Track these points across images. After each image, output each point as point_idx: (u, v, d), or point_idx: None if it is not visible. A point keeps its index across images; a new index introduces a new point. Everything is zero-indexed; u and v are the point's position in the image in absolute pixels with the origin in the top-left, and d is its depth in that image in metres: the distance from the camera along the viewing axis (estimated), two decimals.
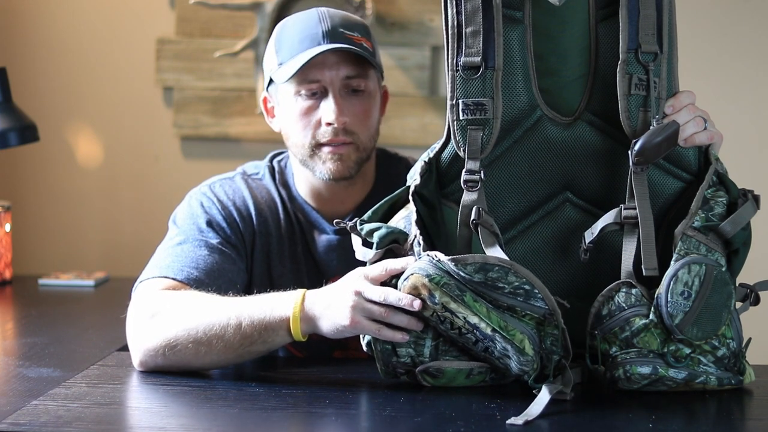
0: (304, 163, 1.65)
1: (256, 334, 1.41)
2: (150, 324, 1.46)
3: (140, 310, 1.49)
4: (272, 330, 1.41)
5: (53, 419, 1.26)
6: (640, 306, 1.30)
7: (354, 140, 1.62)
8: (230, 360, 1.44)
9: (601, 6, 1.39)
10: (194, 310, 1.45)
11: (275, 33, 1.66)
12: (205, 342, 1.42)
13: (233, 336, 1.42)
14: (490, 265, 1.27)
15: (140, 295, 1.52)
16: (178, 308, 1.46)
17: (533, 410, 1.25)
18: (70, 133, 2.98)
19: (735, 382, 1.35)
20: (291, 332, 1.40)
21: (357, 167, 1.64)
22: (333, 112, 1.59)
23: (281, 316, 1.41)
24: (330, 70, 1.60)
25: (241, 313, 1.42)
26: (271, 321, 1.41)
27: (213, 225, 1.64)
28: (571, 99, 1.41)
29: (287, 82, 1.61)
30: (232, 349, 1.42)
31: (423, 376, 1.37)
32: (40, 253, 2.96)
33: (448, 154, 1.41)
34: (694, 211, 1.34)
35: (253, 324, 1.41)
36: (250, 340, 1.42)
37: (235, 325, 1.42)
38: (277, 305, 1.42)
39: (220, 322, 1.42)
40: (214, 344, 1.42)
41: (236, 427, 1.24)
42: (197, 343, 1.43)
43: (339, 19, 1.62)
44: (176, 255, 1.58)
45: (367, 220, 1.42)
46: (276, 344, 1.43)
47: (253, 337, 1.41)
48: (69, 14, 2.96)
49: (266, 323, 1.41)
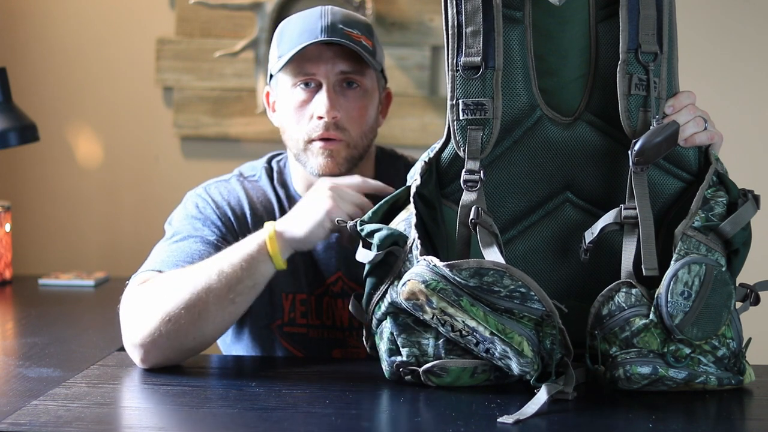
0: (297, 157, 1.66)
1: (240, 271, 1.46)
2: (139, 312, 1.48)
3: (126, 304, 1.52)
4: (253, 260, 1.47)
5: (53, 419, 1.26)
6: (640, 306, 1.30)
7: (345, 137, 1.62)
8: (227, 312, 1.47)
9: (601, 6, 1.39)
10: (176, 281, 1.48)
11: (279, 28, 1.68)
12: (197, 301, 1.45)
13: (218, 282, 1.45)
14: (485, 270, 1.27)
15: (126, 291, 1.54)
16: (161, 287, 1.49)
17: (527, 410, 1.25)
18: (70, 133, 2.98)
19: (735, 382, 1.35)
20: (271, 256, 1.47)
21: (347, 165, 1.64)
22: (324, 106, 1.60)
23: (258, 243, 1.48)
24: (326, 64, 1.61)
25: (220, 262, 1.48)
26: (250, 253, 1.47)
27: (208, 224, 1.65)
28: (571, 99, 1.41)
29: (285, 74, 1.64)
30: (223, 297, 1.46)
31: (427, 377, 1.37)
32: (40, 253, 2.96)
33: (448, 154, 1.41)
34: (694, 211, 1.34)
35: (233, 264, 1.47)
36: (236, 279, 1.46)
37: (218, 272, 1.46)
38: (251, 238, 1.50)
39: (203, 279, 1.46)
40: (203, 299, 1.45)
41: (236, 427, 1.24)
42: (190, 306, 1.45)
43: (340, 16, 1.63)
44: (171, 251, 1.59)
45: (367, 220, 1.42)
46: (262, 275, 1.48)
47: (237, 275, 1.46)
48: (69, 14, 2.96)
49: (245, 257, 1.47)
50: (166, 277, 1.51)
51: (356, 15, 1.68)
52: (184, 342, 1.47)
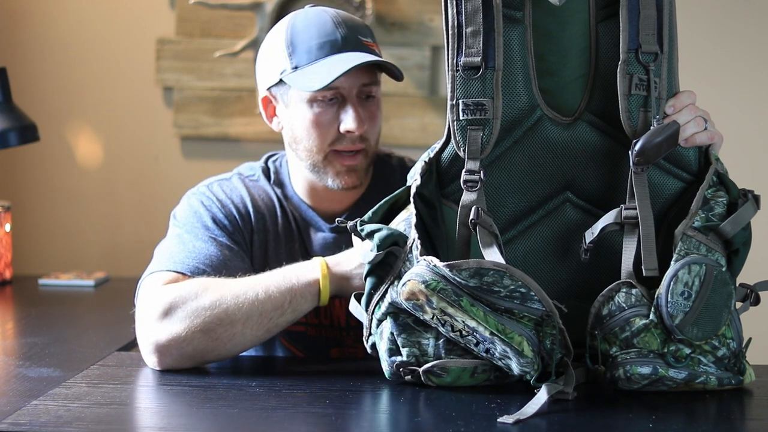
0: (313, 168, 1.65)
1: (287, 303, 1.47)
2: (170, 315, 1.46)
3: (153, 304, 1.48)
4: (300, 295, 1.47)
5: (53, 419, 1.26)
6: (640, 306, 1.30)
7: (366, 146, 1.64)
8: (259, 337, 1.48)
9: (601, 6, 1.39)
10: (217, 292, 1.47)
11: (285, 33, 1.62)
12: (235, 323, 1.45)
13: (264, 306, 1.46)
14: (485, 270, 1.27)
15: (151, 290, 1.51)
16: (199, 294, 1.47)
17: (527, 410, 1.25)
18: (70, 133, 2.99)
19: (735, 382, 1.35)
20: (320, 295, 1.48)
21: (365, 174, 1.67)
22: (354, 121, 1.59)
23: (308, 281, 1.48)
24: (349, 78, 1.58)
25: (267, 285, 1.48)
26: (299, 286, 1.48)
27: (217, 222, 1.64)
28: (572, 99, 1.41)
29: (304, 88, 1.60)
30: (262, 327, 1.47)
31: (427, 377, 1.36)
32: (40, 253, 2.96)
33: (448, 154, 1.41)
34: (694, 211, 1.34)
35: (281, 291, 1.47)
36: (281, 311, 1.47)
37: (264, 295, 1.46)
38: (301, 272, 1.49)
39: (249, 298, 1.46)
40: (242, 322, 1.45)
41: (236, 427, 1.25)
42: (227, 325, 1.45)
43: (351, 23, 1.62)
44: (188, 251, 1.57)
45: (367, 220, 1.42)
46: (303, 311, 1.49)
47: (283, 306, 1.47)
48: (69, 14, 2.96)
49: (295, 290, 1.47)
50: (203, 285, 1.48)
51: (358, 19, 1.68)
52: (208, 355, 1.47)
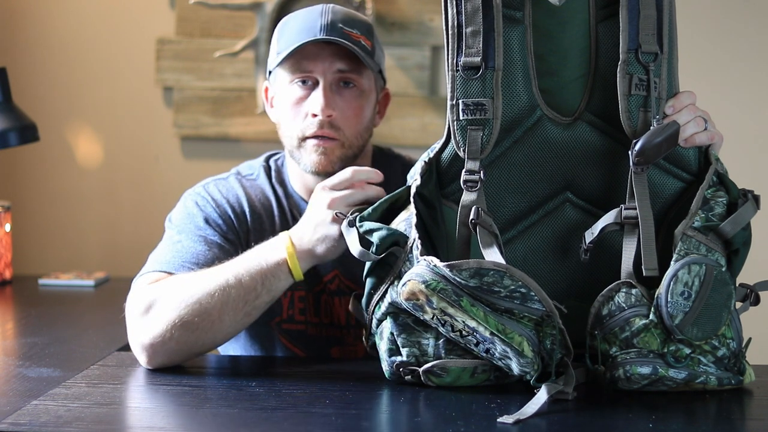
0: (292, 154, 1.67)
1: (259, 286, 1.47)
2: (149, 313, 1.47)
3: (136, 304, 1.51)
4: (273, 276, 1.47)
5: (53, 419, 1.26)
6: (640, 306, 1.30)
7: (339, 136, 1.63)
8: (239, 322, 1.47)
9: (601, 6, 1.39)
10: (190, 286, 1.48)
11: (280, 24, 1.68)
12: (211, 310, 1.45)
13: (236, 295, 1.46)
14: (485, 270, 1.27)
15: (135, 291, 1.54)
16: (173, 289, 1.48)
17: (527, 410, 1.25)
18: (70, 133, 2.98)
19: (735, 382, 1.35)
20: (291, 272, 1.47)
21: (341, 163, 1.63)
22: (319, 104, 1.61)
23: (277, 260, 1.47)
24: (323, 62, 1.61)
25: (236, 270, 1.47)
26: (270, 268, 1.47)
27: (210, 222, 1.65)
28: (572, 99, 1.41)
29: (283, 71, 1.65)
30: (239, 310, 1.46)
31: (427, 377, 1.37)
32: (40, 253, 2.96)
33: (448, 154, 1.41)
34: (694, 211, 1.34)
35: (251, 275, 1.46)
36: (254, 294, 1.47)
37: (235, 285, 1.46)
38: (269, 253, 1.48)
39: (219, 289, 1.46)
40: (219, 309, 1.45)
41: (236, 427, 1.24)
42: (204, 314, 1.45)
43: (341, 15, 1.63)
44: (176, 251, 1.59)
45: (366, 217, 1.42)
46: (280, 289, 1.49)
47: (257, 290, 1.47)
48: (69, 14, 2.96)
49: (265, 272, 1.47)
50: (178, 280, 1.51)
51: (358, 15, 1.68)
52: (193, 347, 1.48)
